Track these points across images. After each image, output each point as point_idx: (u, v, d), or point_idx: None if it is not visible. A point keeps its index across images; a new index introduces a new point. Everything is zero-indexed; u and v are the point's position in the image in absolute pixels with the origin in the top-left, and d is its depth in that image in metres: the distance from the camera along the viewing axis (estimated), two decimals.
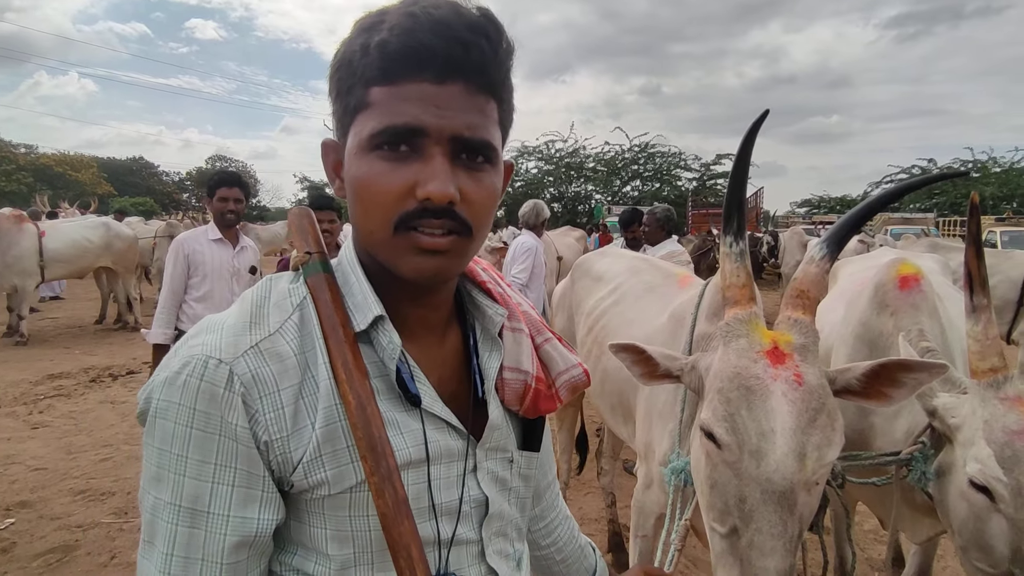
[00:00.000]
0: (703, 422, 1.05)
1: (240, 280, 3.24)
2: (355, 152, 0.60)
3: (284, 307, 0.62)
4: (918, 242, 7.32)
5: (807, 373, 1.01)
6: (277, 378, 0.57)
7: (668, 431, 1.75)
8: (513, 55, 0.62)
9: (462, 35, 0.56)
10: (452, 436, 0.65)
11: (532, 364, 0.72)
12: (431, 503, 0.63)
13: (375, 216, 0.59)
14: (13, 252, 7.18)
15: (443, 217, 0.58)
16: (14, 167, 27.51)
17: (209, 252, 3.20)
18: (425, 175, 0.57)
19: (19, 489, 3.60)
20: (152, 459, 0.56)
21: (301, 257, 0.65)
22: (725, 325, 1.11)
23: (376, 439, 0.56)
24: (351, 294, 0.64)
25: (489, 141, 0.60)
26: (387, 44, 0.56)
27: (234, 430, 0.55)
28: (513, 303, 0.74)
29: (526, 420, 0.75)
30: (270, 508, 0.58)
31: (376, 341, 0.62)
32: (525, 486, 0.76)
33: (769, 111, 1.13)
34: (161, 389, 0.56)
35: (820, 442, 0.97)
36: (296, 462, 0.57)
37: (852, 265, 3.29)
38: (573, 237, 9.06)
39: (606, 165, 25.56)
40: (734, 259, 1.16)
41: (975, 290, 1.42)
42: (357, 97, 0.59)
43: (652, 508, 1.98)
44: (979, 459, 1.29)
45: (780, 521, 0.95)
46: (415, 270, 0.59)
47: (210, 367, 0.55)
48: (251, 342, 0.58)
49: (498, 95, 0.62)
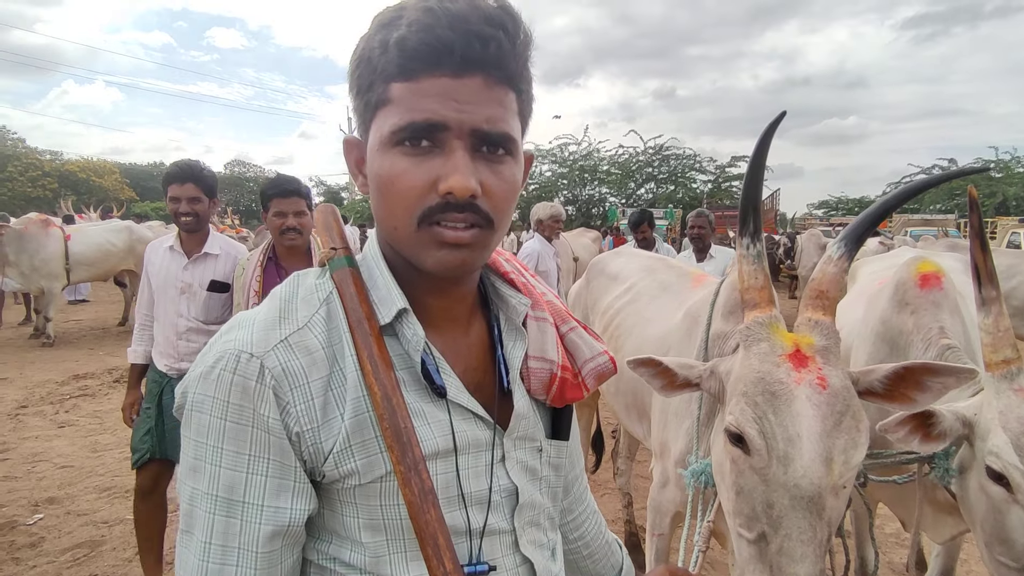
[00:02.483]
0: (729, 425, 1.04)
1: (194, 298, 2.50)
2: (377, 148, 0.60)
3: (311, 302, 0.63)
4: (937, 243, 7.20)
5: (831, 376, 1.00)
6: (307, 370, 0.59)
7: (684, 429, 1.74)
8: (531, 45, 0.62)
9: (480, 29, 0.56)
10: (479, 426, 0.66)
11: (557, 353, 0.72)
12: (460, 493, 0.64)
13: (398, 211, 0.60)
14: (41, 256, 7.38)
15: (466, 211, 0.58)
16: (40, 173, 28.19)
17: (159, 263, 2.55)
18: (447, 169, 0.57)
19: (47, 486, 3.69)
20: (189, 451, 0.58)
21: (327, 253, 0.67)
22: (745, 328, 1.10)
23: (402, 429, 0.57)
24: (375, 288, 0.65)
25: (509, 133, 0.60)
26: (406, 40, 0.56)
27: (266, 422, 0.57)
28: (537, 292, 0.75)
29: (554, 409, 0.75)
30: (302, 498, 0.59)
31: (401, 333, 0.63)
32: (556, 475, 0.76)
33: (785, 113, 1.13)
34: (196, 384, 0.58)
35: (846, 445, 0.96)
36: (327, 452, 0.59)
37: (872, 264, 3.25)
38: (589, 238, 9.08)
39: (620, 168, 25.44)
40: (751, 261, 1.15)
41: (983, 283, 1.42)
42: (377, 94, 0.60)
43: (668, 507, 1.98)
44: (995, 448, 1.29)
45: (809, 527, 0.94)
46: (439, 264, 0.60)
47: (242, 361, 0.57)
48: (281, 336, 0.59)
49: (517, 86, 0.62)
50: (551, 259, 4.74)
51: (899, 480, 1.60)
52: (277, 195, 2.33)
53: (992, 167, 26.38)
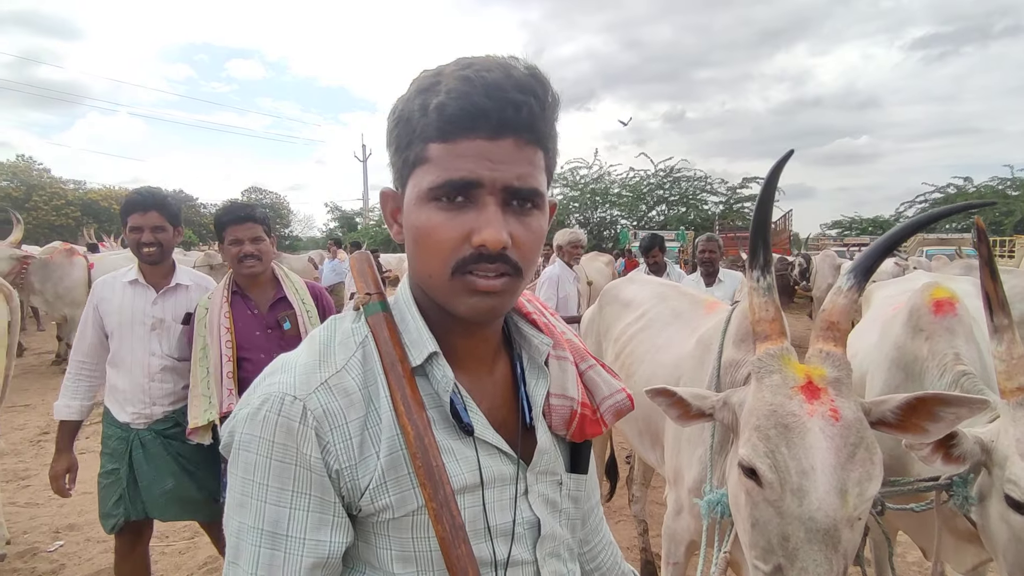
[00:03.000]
0: (742, 459, 1.05)
1: (166, 334, 2.25)
2: (415, 202, 0.64)
3: (348, 345, 0.67)
4: (952, 264, 7.12)
5: (843, 407, 1.00)
6: (345, 411, 0.63)
7: (697, 457, 1.74)
8: (559, 107, 0.67)
9: (513, 96, 0.61)
10: (503, 461, 0.69)
11: (577, 390, 0.75)
12: (487, 525, 0.67)
13: (434, 261, 0.63)
14: (65, 284, 7.55)
15: (496, 262, 0.62)
16: (64, 202, 28.91)
17: (119, 300, 2.24)
18: (480, 223, 0.61)
19: (67, 512, 3.73)
20: (236, 487, 0.62)
21: (362, 298, 0.71)
22: (757, 360, 1.11)
23: (434, 467, 0.61)
24: (407, 331, 0.69)
25: (538, 188, 0.65)
26: (445, 107, 0.61)
27: (308, 460, 0.60)
28: (558, 332, 0.78)
29: (573, 444, 0.78)
30: (341, 531, 0.62)
31: (431, 375, 0.67)
32: (575, 508, 0.79)
33: (793, 152, 1.16)
34: (244, 424, 0.61)
35: (861, 477, 0.96)
36: (363, 488, 0.62)
37: (887, 288, 3.24)
38: (602, 261, 9.11)
39: (631, 190, 25.56)
40: (762, 293, 1.16)
41: (995, 311, 1.43)
42: (416, 152, 0.64)
43: (683, 535, 1.97)
44: (1015, 476, 1.28)
45: (825, 560, 0.94)
46: (471, 310, 0.64)
47: (286, 403, 0.61)
48: (321, 379, 0.63)
49: (545, 145, 0.66)
50: (571, 283, 4.83)
51: (916, 508, 1.59)
52: (231, 222, 2.19)
53: (1009, 185, 26.11)
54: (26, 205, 25.93)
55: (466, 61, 0.63)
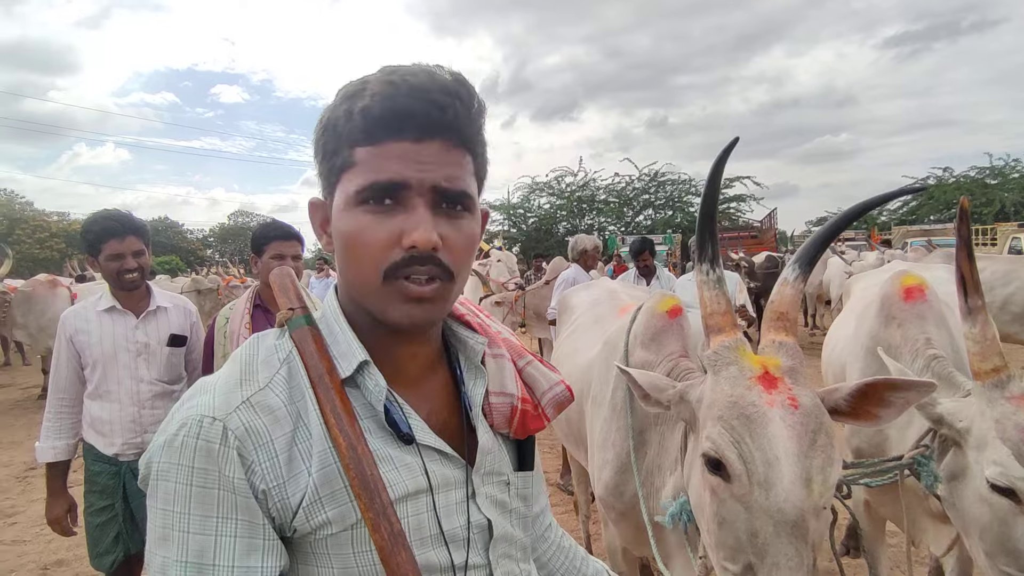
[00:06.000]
0: (707, 451, 1.02)
1: (153, 358, 2.20)
2: (343, 207, 0.63)
3: (272, 363, 0.65)
4: (933, 253, 7.22)
5: (801, 395, 1.00)
6: (269, 429, 0.60)
7: (607, 460, 1.75)
8: (485, 113, 0.67)
9: (438, 98, 0.61)
10: (447, 465, 0.68)
11: (516, 386, 0.75)
12: (441, 531, 0.66)
13: (365, 267, 0.63)
14: (48, 316, 7.43)
15: (428, 264, 0.61)
16: (47, 235, 28.69)
17: (98, 330, 2.16)
18: (410, 224, 0.61)
19: (56, 548, 3.66)
20: (157, 520, 0.58)
21: (285, 314, 0.69)
22: (713, 354, 1.11)
23: (368, 477, 0.59)
24: (336, 343, 0.67)
25: (466, 191, 0.65)
26: (370, 110, 0.61)
27: (232, 482, 0.57)
28: (492, 331, 0.78)
29: (518, 442, 0.78)
30: (272, 556, 0.60)
31: (363, 385, 0.65)
32: (525, 506, 0.78)
33: (738, 139, 1.15)
34: (160, 452, 0.58)
35: (823, 463, 0.96)
36: (295, 507, 0.60)
37: (865, 280, 3.29)
38: None
39: (617, 196, 25.72)
40: (712, 287, 1.15)
41: (969, 292, 1.44)
42: (343, 157, 0.63)
43: (614, 542, 1.97)
44: (998, 461, 1.28)
45: (796, 553, 0.92)
46: (405, 317, 0.63)
47: (204, 425, 0.58)
48: (243, 397, 0.60)
49: (473, 150, 0.66)
50: None
51: (871, 484, 1.58)
52: (278, 237, 2.20)
53: (988, 173, 26.56)
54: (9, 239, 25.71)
55: (391, 68, 0.64)
